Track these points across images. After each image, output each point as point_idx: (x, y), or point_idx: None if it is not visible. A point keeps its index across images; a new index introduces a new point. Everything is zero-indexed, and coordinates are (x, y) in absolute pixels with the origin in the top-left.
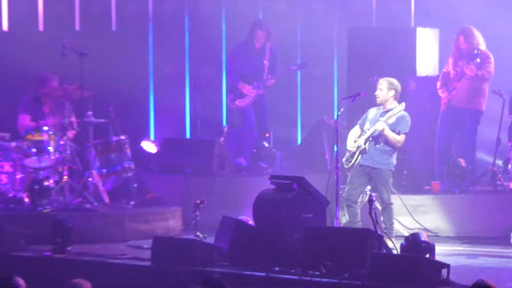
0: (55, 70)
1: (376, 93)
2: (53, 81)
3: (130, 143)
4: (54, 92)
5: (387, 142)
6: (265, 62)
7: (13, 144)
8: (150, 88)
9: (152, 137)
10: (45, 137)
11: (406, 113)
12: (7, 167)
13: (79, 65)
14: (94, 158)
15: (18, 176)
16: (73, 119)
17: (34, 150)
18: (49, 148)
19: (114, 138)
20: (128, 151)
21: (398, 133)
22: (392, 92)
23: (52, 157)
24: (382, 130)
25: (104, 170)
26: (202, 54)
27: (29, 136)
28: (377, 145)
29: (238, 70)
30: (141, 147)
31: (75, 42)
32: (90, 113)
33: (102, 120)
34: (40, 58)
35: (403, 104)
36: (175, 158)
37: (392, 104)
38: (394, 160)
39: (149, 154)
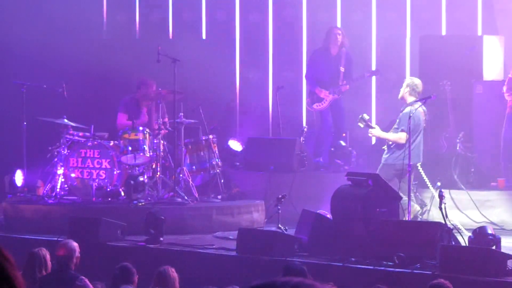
0: (150, 75)
1: None
2: (152, 85)
3: (217, 142)
4: (151, 95)
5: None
6: (341, 68)
7: (111, 142)
8: (236, 91)
9: (238, 136)
10: (140, 136)
11: (410, 109)
12: (105, 164)
13: (172, 70)
14: (185, 156)
15: (115, 172)
16: (166, 119)
17: (130, 148)
18: (144, 146)
19: (203, 137)
20: (216, 149)
21: (402, 130)
22: (407, 89)
23: (147, 155)
24: (377, 136)
25: (194, 167)
26: (284, 60)
27: (126, 135)
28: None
29: (315, 75)
30: (228, 146)
31: (168, 49)
32: (181, 114)
33: (192, 121)
34: (137, 64)
35: (418, 103)
36: (259, 156)
37: (408, 99)
38: (403, 154)
39: (235, 152)
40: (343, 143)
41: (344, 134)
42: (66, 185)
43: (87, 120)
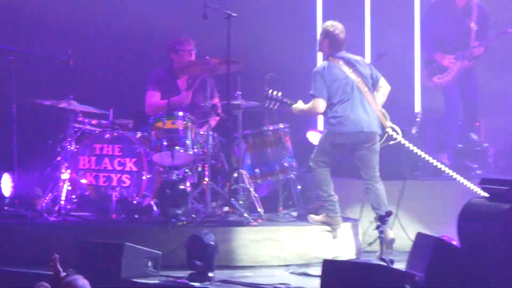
0: (193, 37)
1: None
2: (188, 44)
3: (291, 134)
4: (192, 65)
5: None
6: (472, 24)
7: (138, 134)
8: (315, 59)
9: (320, 126)
10: (180, 125)
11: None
12: (130, 165)
13: (225, 29)
14: (244, 154)
15: (145, 177)
16: (216, 101)
17: (165, 143)
18: (186, 140)
19: (271, 127)
20: (289, 144)
21: None
22: None
23: (190, 152)
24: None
25: (257, 170)
26: (388, 16)
27: (159, 124)
28: None
29: (435, 36)
30: (306, 139)
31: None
32: (239, 93)
33: (254, 103)
34: (173, 21)
35: None
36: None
37: None
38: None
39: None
40: (475, 136)
41: (477, 124)
42: (74, 196)
43: (104, 102)
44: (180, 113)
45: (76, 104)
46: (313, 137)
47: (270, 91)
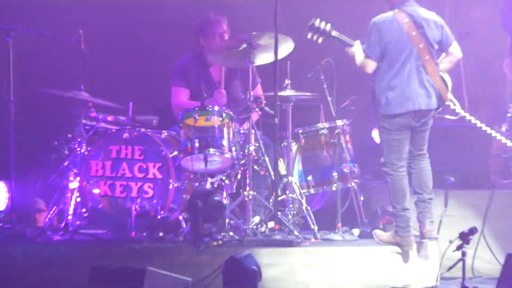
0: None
1: None
2: (219, 26)
3: (352, 132)
4: (225, 46)
5: None
6: None
7: (164, 133)
8: None
9: None
10: (215, 123)
11: None
12: (153, 171)
13: (270, 2)
14: (295, 158)
15: (172, 186)
16: (258, 91)
17: (197, 144)
18: (222, 141)
19: (327, 125)
20: (350, 146)
21: None
22: None
23: (227, 155)
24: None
25: (310, 178)
26: None
27: (190, 121)
28: None
29: None
30: (372, 139)
31: None
32: (288, 82)
33: (308, 95)
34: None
35: None
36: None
37: None
38: None
39: None
40: None
41: None
42: (84, 209)
43: (122, 94)
44: (216, 108)
45: (87, 96)
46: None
47: (318, 21)
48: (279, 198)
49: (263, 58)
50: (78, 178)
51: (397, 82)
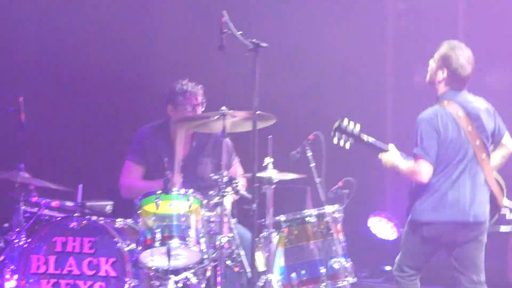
0: (201, 78)
1: None
2: (194, 97)
3: (345, 220)
4: (196, 120)
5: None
6: None
7: (119, 222)
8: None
9: (390, 206)
10: (180, 209)
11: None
12: (106, 268)
13: (249, 63)
14: (276, 251)
15: (128, 286)
16: (235, 170)
17: (158, 234)
18: (189, 230)
19: (315, 211)
20: (342, 236)
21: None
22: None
23: (194, 248)
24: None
25: (293, 275)
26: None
27: (149, 207)
28: None
29: None
30: (368, 228)
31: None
32: (270, 160)
33: (292, 175)
34: (176, 52)
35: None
36: None
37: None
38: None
39: (384, 241)
40: None
41: None
42: None
43: (70, 175)
44: (182, 191)
45: (28, 177)
46: (378, 226)
47: (346, 120)
48: None
49: (239, 126)
50: (15, 276)
51: (444, 185)
